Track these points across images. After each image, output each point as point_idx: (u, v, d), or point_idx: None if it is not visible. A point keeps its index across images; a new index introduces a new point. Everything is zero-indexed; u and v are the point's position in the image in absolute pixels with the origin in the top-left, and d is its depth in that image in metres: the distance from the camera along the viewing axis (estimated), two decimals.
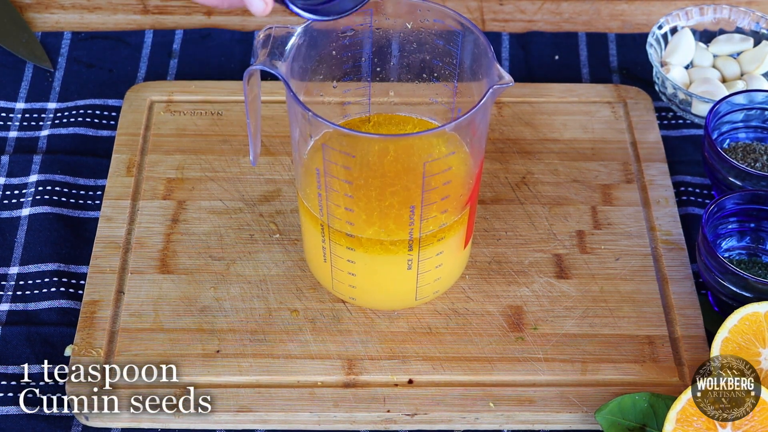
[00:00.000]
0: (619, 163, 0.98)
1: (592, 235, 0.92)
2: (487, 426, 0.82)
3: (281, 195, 0.94)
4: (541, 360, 0.84)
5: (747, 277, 0.83)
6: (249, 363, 0.83)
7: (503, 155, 0.98)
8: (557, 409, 0.82)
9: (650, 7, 1.15)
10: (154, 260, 0.90)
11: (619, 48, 1.10)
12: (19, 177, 0.97)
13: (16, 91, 1.04)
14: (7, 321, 0.87)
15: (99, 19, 1.12)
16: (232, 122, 1.00)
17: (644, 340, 0.86)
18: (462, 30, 0.79)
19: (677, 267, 0.90)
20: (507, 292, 0.89)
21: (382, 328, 0.86)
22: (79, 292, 0.89)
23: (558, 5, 1.15)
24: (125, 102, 1.01)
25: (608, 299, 0.88)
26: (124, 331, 0.85)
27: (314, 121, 0.74)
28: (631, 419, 0.80)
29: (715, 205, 0.87)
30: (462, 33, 0.79)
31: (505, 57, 1.09)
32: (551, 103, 1.02)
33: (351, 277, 0.83)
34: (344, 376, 0.83)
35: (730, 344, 0.81)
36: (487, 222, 0.93)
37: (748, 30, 1.05)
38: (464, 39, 0.79)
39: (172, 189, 0.95)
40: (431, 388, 0.83)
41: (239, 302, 0.87)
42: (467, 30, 0.79)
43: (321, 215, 0.80)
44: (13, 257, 0.91)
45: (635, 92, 1.03)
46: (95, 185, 0.96)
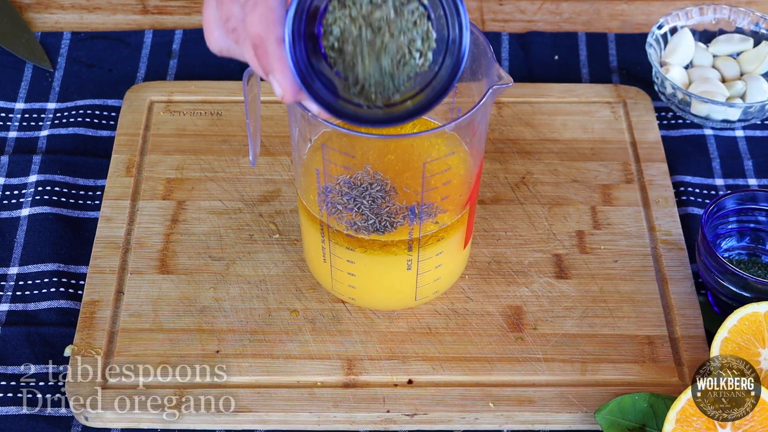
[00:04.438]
0: (619, 163, 0.98)
1: (591, 235, 0.92)
2: (487, 426, 0.82)
3: (281, 195, 0.94)
4: (541, 360, 0.84)
5: (747, 277, 0.83)
6: (249, 363, 0.83)
7: (503, 155, 0.98)
8: (557, 409, 0.82)
9: (650, 7, 1.15)
10: (154, 260, 0.90)
11: (618, 48, 1.10)
12: (19, 177, 0.97)
13: (16, 91, 1.04)
14: (6, 321, 0.87)
15: (99, 19, 1.12)
16: (232, 122, 1.00)
17: (644, 340, 0.86)
18: None
19: (677, 267, 0.90)
20: (507, 292, 0.88)
21: (381, 328, 0.86)
22: (78, 292, 0.89)
23: (558, 5, 1.15)
24: (125, 102, 1.01)
25: (608, 299, 0.88)
26: (124, 331, 0.85)
27: (314, 121, 0.74)
28: (631, 419, 0.80)
29: (715, 205, 0.87)
30: None
31: (505, 57, 1.09)
32: (551, 103, 1.02)
33: (350, 278, 0.83)
34: (344, 377, 0.83)
35: (729, 344, 0.81)
36: (487, 222, 0.93)
37: (748, 30, 1.05)
38: None
39: (171, 189, 0.95)
40: (431, 389, 0.83)
41: (239, 302, 0.87)
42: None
43: (321, 215, 0.80)
44: (12, 257, 0.91)
45: (635, 92, 1.03)
46: (95, 185, 0.96)
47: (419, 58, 0.66)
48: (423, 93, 0.67)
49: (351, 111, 0.66)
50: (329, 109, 0.65)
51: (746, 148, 1.01)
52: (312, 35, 0.65)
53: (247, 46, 0.66)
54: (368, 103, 0.67)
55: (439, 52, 0.66)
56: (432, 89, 0.67)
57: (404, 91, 0.67)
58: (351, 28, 0.65)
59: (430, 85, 0.67)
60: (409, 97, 0.67)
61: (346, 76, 0.66)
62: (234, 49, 0.69)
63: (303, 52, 0.64)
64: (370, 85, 0.66)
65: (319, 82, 0.65)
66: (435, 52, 0.66)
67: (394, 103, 0.67)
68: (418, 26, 0.66)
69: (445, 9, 0.66)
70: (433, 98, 0.66)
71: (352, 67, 0.66)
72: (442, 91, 0.66)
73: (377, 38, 0.65)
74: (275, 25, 0.64)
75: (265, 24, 0.64)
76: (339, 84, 0.66)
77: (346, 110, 0.66)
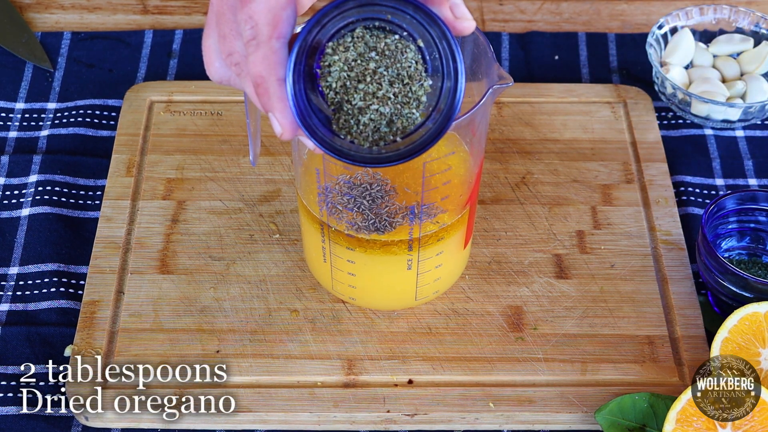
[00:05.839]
0: (619, 163, 0.98)
1: (591, 235, 0.92)
2: (487, 426, 0.82)
3: (281, 195, 0.94)
4: (541, 360, 0.84)
5: (747, 277, 0.83)
6: (249, 363, 0.83)
7: (503, 155, 0.98)
8: (557, 409, 0.82)
9: (650, 7, 1.15)
10: (154, 260, 0.90)
11: (618, 48, 1.10)
12: (19, 177, 0.97)
13: (16, 91, 1.04)
14: (7, 321, 0.87)
15: (99, 19, 1.12)
16: (232, 122, 1.00)
17: (644, 340, 0.86)
18: None
19: (677, 267, 0.90)
20: (507, 292, 0.89)
21: (382, 328, 0.86)
22: (79, 292, 0.89)
23: (558, 5, 1.15)
24: (125, 102, 1.01)
25: (608, 299, 0.88)
26: (124, 331, 0.85)
27: None
28: (631, 419, 0.80)
29: (715, 205, 0.87)
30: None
31: (505, 57, 1.09)
32: (551, 103, 1.02)
33: (351, 278, 0.83)
34: (344, 377, 0.83)
35: (729, 344, 0.81)
36: (487, 222, 0.93)
37: (748, 30, 1.05)
38: (464, 39, 0.79)
39: (171, 189, 0.95)
40: (431, 389, 0.83)
41: (239, 302, 0.87)
42: None
43: (321, 215, 0.80)
44: (13, 257, 0.91)
45: (635, 92, 1.03)
46: (95, 185, 0.96)
47: (415, 110, 0.67)
48: (416, 134, 0.67)
49: (346, 149, 0.67)
50: (325, 146, 0.66)
51: (746, 148, 1.01)
52: (311, 72, 0.66)
53: (247, 83, 0.67)
54: (360, 144, 0.67)
55: (433, 96, 0.67)
56: (426, 131, 0.67)
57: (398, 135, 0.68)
58: (346, 74, 0.66)
59: (424, 125, 0.67)
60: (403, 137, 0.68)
61: (341, 117, 0.67)
62: (234, 80, 0.69)
63: (302, 91, 0.65)
64: (364, 128, 0.67)
65: (316, 119, 0.66)
66: (429, 96, 0.67)
67: (387, 143, 0.67)
68: (415, 80, 0.66)
69: (441, 55, 0.66)
70: (427, 140, 0.66)
71: (348, 112, 0.66)
72: (436, 133, 0.66)
73: (372, 86, 0.66)
74: (277, 67, 0.64)
75: (267, 65, 0.64)
76: (334, 121, 0.67)
77: (341, 148, 0.66)
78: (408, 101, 0.66)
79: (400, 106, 0.66)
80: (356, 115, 0.66)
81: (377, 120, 0.66)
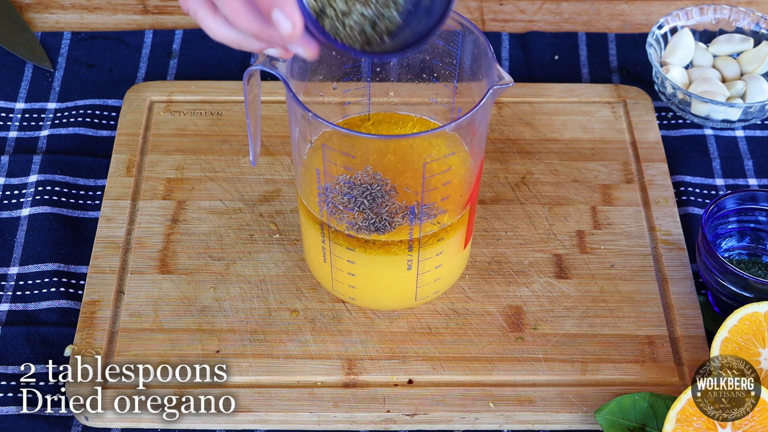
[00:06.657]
0: (619, 163, 0.98)
1: (591, 235, 0.92)
2: (487, 426, 0.82)
3: (281, 195, 0.94)
4: (541, 360, 0.84)
5: (747, 277, 0.83)
6: (249, 363, 0.83)
7: (503, 155, 0.98)
8: (557, 409, 0.82)
9: (650, 7, 1.15)
10: (154, 260, 0.90)
11: (618, 48, 1.10)
12: (19, 177, 0.97)
13: (16, 91, 1.04)
14: (7, 321, 0.87)
15: (99, 19, 1.12)
16: (232, 122, 1.00)
17: (644, 340, 0.86)
18: (462, 30, 0.79)
19: (677, 267, 0.90)
20: (507, 292, 0.89)
21: (382, 328, 0.86)
22: (79, 292, 0.89)
23: (558, 5, 1.15)
24: (125, 102, 1.01)
25: (608, 299, 0.88)
26: (124, 331, 0.85)
27: (314, 122, 0.74)
28: (631, 419, 0.80)
29: (715, 205, 0.87)
30: (462, 33, 0.79)
31: (505, 57, 1.09)
32: (551, 103, 1.02)
33: (351, 278, 0.83)
34: (344, 376, 0.83)
35: (729, 344, 0.81)
36: (487, 222, 0.93)
37: (748, 30, 1.05)
38: (464, 39, 0.79)
39: (171, 189, 0.95)
40: (431, 388, 0.83)
41: (239, 302, 0.87)
42: (467, 30, 0.79)
43: (321, 215, 0.80)
44: (13, 257, 0.91)
45: (635, 92, 1.03)
46: (95, 185, 0.96)
47: (395, 11, 0.69)
48: (402, 35, 0.69)
49: (348, 44, 0.69)
50: (330, 39, 0.67)
51: (746, 148, 1.01)
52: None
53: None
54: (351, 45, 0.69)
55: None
56: (412, 31, 0.69)
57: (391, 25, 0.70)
58: None
59: (408, 26, 0.70)
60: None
61: (326, 22, 0.69)
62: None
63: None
64: (351, 31, 0.69)
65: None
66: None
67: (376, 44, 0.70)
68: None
69: None
70: (425, 31, 0.68)
71: (333, 17, 0.69)
72: (434, 24, 0.68)
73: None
74: None
75: None
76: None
77: (343, 44, 0.69)
78: (387, 3, 0.69)
79: (380, 8, 0.69)
80: (341, 18, 0.68)
81: (361, 22, 0.68)
